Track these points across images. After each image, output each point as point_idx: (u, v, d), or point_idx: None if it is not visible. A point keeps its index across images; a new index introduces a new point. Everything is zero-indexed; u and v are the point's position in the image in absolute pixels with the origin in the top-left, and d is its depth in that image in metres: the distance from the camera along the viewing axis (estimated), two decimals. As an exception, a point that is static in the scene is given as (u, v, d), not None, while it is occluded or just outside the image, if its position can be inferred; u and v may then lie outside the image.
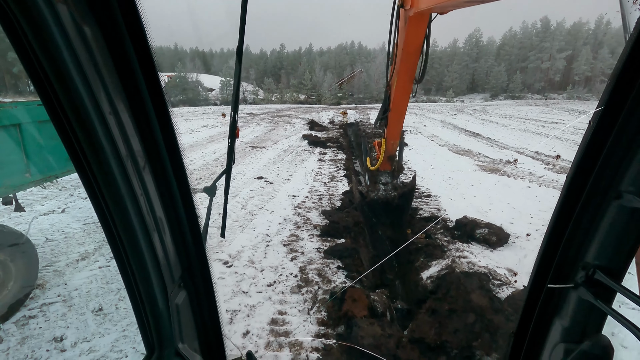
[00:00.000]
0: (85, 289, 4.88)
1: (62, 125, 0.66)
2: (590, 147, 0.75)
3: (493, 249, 6.14)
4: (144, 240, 0.82)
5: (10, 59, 47.43)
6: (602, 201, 0.77)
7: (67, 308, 4.49)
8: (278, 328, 4.16)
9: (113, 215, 0.77)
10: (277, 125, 25.54)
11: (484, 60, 75.45)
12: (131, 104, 0.72)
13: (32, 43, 0.57)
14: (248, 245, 6.24)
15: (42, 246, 5.94)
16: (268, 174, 11.40)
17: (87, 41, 0.61)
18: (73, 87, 0.61)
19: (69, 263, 5.51)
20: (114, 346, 3.90)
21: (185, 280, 1.00)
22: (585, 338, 0.88)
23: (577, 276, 0.86)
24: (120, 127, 0.70)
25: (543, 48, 71.60)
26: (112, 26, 0.63)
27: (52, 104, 0.64)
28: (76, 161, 0.70)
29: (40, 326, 4.17)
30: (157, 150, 0.80)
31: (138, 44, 0.67)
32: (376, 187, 6.87)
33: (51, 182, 7.30)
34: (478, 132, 21.75)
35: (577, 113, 33.37)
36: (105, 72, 0.65)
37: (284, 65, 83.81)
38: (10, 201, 4.96)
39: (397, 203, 6.69)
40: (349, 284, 5.00)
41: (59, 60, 0.58)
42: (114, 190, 0.73)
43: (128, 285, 0.89)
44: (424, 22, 4.86)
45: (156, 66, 0.71)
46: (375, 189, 6.87)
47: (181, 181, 0.87)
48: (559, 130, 21.36)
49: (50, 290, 4.83)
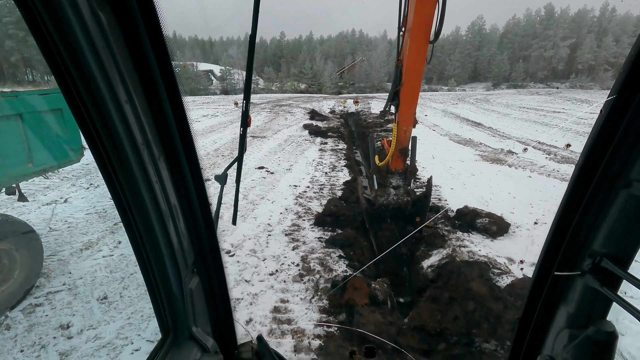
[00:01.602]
0: (89, 278, 4.94)
1: (80, 112, 0.66)
2: (601, 135, 0.76)
3: (493, 238, 6.18)
4: (159, 226, 0.83)
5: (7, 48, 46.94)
6: (611, 189, 0.78)
7: (73, 296, 4.55)
8: (280, 316, 4.22)
9: (130, 202, 0.78)
10: (278, 114, 25.41)
11: (486, 48, 74.62)
12: (146, 92, 0.73)
13: (52, 31, 0.57)
14: (250, 235, 6.28)
15: (46, 236, 5.99)
16: (269, 164, 11.40)
17: (103, 29, 0.61)
18: (91, 75, 0.61)
19: (73, 252, 5.57)
20: (119, 333, 3.97)
21: (198, 266, 1.02)
22: (590, 324, 0.90)
23: (583, 264, 0.87)
24: (136, 116, 0.71)
25: (547, 36, 70.70)
26: (128, 14, 0.64)
27: (70, 92, 0.64)
28: (94, 148, 0.71)
29: (46, 314, 4.24)
30: (171, 139, 0.80)
31: (152, 32, 0.67)
32: (386, 192, 5.95)
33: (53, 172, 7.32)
34: (480, 121, 21.64)
35: (580, 102, 33.13)
36: (121, 60, 0.66)
37: (284, 53, 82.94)
38: (14, 191, 4.98)
39: (410, 211, 5.82)
40: (350, 273, 5.06)
41: (77, 48, 0.58)
42: (131, 177, 0.74)
43: (144, 270, 0.91)
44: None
45: (170, 55, 0.72)
46: (384, 193, 5.95)
47: (194, 170, 0.88)
48: (560, 120, 21.26)
49: (55, 279, 4.89)
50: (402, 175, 6.23)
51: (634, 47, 0.66)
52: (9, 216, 4.42)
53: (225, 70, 61.11)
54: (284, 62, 79.45)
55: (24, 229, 4.42)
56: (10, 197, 5.36)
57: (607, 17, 71.42)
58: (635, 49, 0.66)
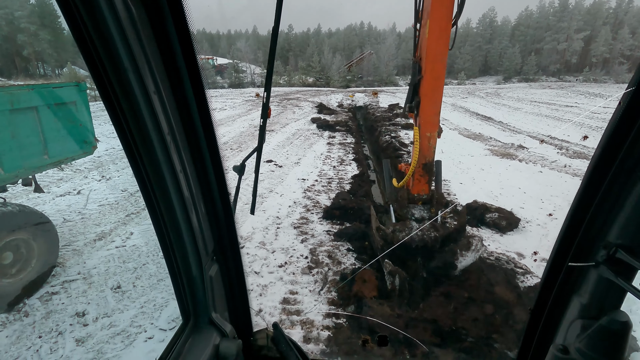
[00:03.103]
0: (103, 268, 5.06)
1: (111, 101, 0.69)
2: (619, 126, 0.76)
3: (503, 233, 6.15)
4: (182, 213, 0.86)
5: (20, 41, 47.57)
6: (628, 180, 0.78)
7: (87, 285, 4.67)
8: (290, 307, 4.28)
9: (155, 189, 0.81)
10: (286, 108, 25.40)
11: (497, 41, 73.27)
12: (172, 84, 0.75)
13: (87, 24, 0.59)
14: (259, 227, 6.35)
15: (60, 226, 6.13)
16: (277, 158, 11.45)
17: (134, 22, 0.63)
18: (122, 66, 0.64)
19: (87, 243, 5.69)
20: (133, 322, 4.07)
21: (217, 254, 1.05)
22: (604, 314, 0.91)
23: (598, 255, 0.88)
24: (163, 106, 0.73)
25: (560, 28, 69.10)
26: (157, 9, 0.66)
27: (102, 82, 0.67)
28: (123, 137, 0.74)
29: (62, 302, 4.36)
30: (194, 129, 0.83)
31: (180, 26, 0.70)
32: (407, 226, 4.69)
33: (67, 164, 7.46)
34: (490, 115, 21.37)
35: (593, 96, 32.44)
36: (150, 52, 0.68)
37: (292, 47, 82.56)
38: (30, 182, 5.10)
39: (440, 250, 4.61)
40: (359, 265, 5.09)
41: (110, 40, 0.61)
42: (156, 165, 0.77)
43: (167, 256, 0.94)
44: None
45: (195, 49, 0.74)
46: (405, 228, 4.66)
47: (215, 160, 0.91)
48: (573, 115, 20.87)
49: (71, 268, 5.01)
50: (428, 203, 4.99)
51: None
52: (25, 207, 4.54)
53: (234, 63, 61.12)
54: (292, 55, 79.15)
55: (40, 219, 4.54)
56: (26, 188, 5.49)
57: (623, 9, 69.44)
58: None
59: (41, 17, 47.70)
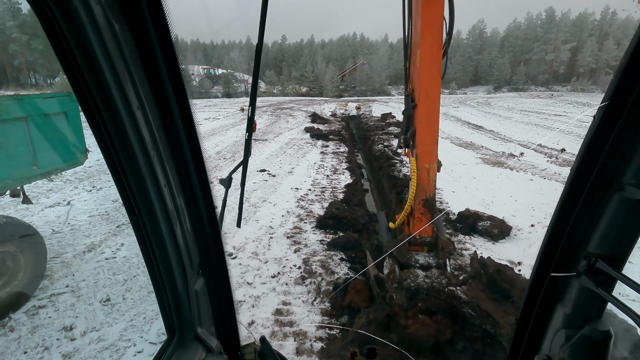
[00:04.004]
0: (92, 280, 4.97)
1: (94, 117, 0.69)
2: (595, 140, 0.78)
3: (495, 241, 6.19)
4: (166, 228, 0.86)
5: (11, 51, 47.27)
6: (605, 192, 0.81)
7: (76, 298, 4.58)
8: (282, 318, 4.23)
9: (139, 204, 0.81)
10: (279, 118, 25.50)
11: (487, 52, 74.69)
12: (156, 99, 0.76)
13: (69, 40, 0.60)
14: (252, 238, 6.31)
15: (49, 238, 6.02)
16: (271, 167, 11.44)
17: (117, 38, 0.64)
18: (105, 83, 0.64)
19: (76, 254, 5.60)
20: (122, 335, 3.99)
21: (203, 268, 1.05)
22: (586, 324, 0.92)
23: (579, 265, 0.90)
24: (147, 121, 0.74)
25: (547, 39, 70.75)
26: (140, 25, 0.67)
27: (85, 98, 0.67)
28: (105, 152, 0.74)
29: (49, 316, 4.26)
30: (179, 143, 0.83)
31: (163, 41, 0.71)
32: (411, 274, 4.13)
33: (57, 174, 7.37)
34: (481, 124, 21.66)
35: (581, 105, 33.12)
36: (133, 68, 0.69)
37: (285, 57, 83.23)
38: (18, 194, 5.03)
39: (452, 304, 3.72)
40: (352, 275, 5.07)
41: (93, 57, 0.61)
42: (140, 180, 0.77)
43: (151, 271, 0.93)
44: None
45: (179, 63, 0.75)
46: (409, 275, 4.11)
47: (200, 173, 0.91)
48: (562, 123, 21.26)
49: (59, 281, 4.91)
50: (432, 248, 4.47)
51: (625, 56, 0.69)
52: (13, 218, 4.46)
53: (227, 73, 61.38)
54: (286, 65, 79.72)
55: (27, 231, 4.46)
56: (14, 199, 5.41)
57: (607, 21, 71.46)
58: (626, 57, 0.69)
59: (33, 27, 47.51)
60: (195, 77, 60.82)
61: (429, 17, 4.04)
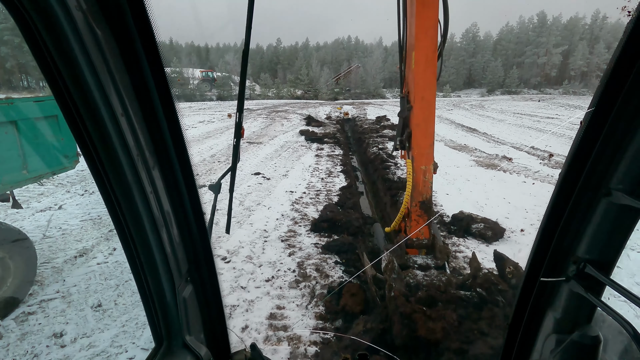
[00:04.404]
0: (83, 285, 4.90)
1: (77, 125, 0.68)
2: (582, 146, 0.78)
3: (489, 243, 6.22)
4: (153, 235, 0.85)
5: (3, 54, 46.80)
6: (593, 198, 0.81)
7: (66, 304, 4.51)
8: (277, 322, 4.20)
9: (124, 212, 0.80)
10: (274, 120, 25.47)
11: (480, 55, 75.46)
12: (141, 104, 0.75)
13: (50, 48, 0.59)
14: (246, 241, 6.27)
15: (39, 243, 5.93)
16: (265, 170, 11.41)
17: (100, 45, 0.63)
18: (87, 89, 0.63)
19: (67, 260, 5.52)
20: (113, 341, 3.93)
21: (192, 275, 1.03)
22: (576, 329, 0.92)
23: (568, 270, 0.90)
24: (131, 127, 0.73)
25: (539, 43, 71.70)
26: (124, 30, 0.66)
27: (67, 106, 0.66)
28: (89, 159, 0.73)
29: (39, 322, 4.19)
30: (165, 149, 0.82)
31: (148, 46, 0.70)
32: (410, 273, 4.10)
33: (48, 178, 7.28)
34: (474, 127, 21.82)
35: (573, 108, 33.54)
36: (117, 74, 0.68)
37: (280, 60, 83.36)
38: (8, 198, 4.95)
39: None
40: (346, 278, 5.05)
41: (75, 65, 0.60)
42: (125, 187, 0.76)
43: (137, 279, 0.92)
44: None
45: (164, 67, 0.74)
46: (408, 274, 4.06)
47: (188, 179, 0.90)
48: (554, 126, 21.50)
49: (49, 286, 4.84)
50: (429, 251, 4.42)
51: (610, 62, 0.69)
52: (2, 223, 4.39)
53: (222, 76, 61.32)
54: (280, 68, 79.83)
55: (17, 236, 4.38)
56: (3, 204, 5.32)
57: (598, 25, 72.62)
58: (611, 63, 0.69)
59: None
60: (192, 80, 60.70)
61: (424, 20, 4.06)
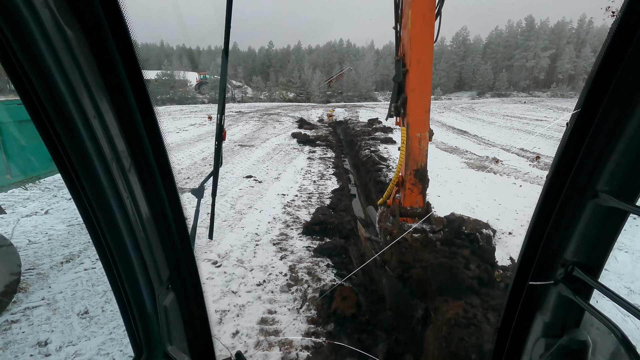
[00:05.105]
0: (70, 292, 4.79)
1: (46, 128, 0.65)
2: (568, 148, 0.78)
3: (480, 245, 6.24)
4: (131, 242, 0.81)
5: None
6: (580, 200, 0.80)
7: (52, 312, 4.40)
8: (268, 327, 4.15)
9: (99, 218, 0.76)
10: (266, 123, 25.40)
11: (470, 58, 76.43)
12: (116, 106, 0.72)
13: (15, 48, 0.56)
14: (237, 245, 6.21)
15: (24, 249, 5.79)
16: (257, 173, 11.34)
17: (70, 45, 0.60)
18: (56, 91, 0.60)
19: (53, 265, 5.39)
20: (100, 349, 3.84)
21: (174, 282, 1.00)
22: (565, 333, 0.91)
23: (556, 273, 0.89)
24: (105, 130, 0.69)
25: (528, 47, 72.94)
26: (96, 29, 0.63)
27: (35, 108, 0.63)
28: (60, 165, 0.70)
29: (23, 331, 4.07)
30: (142, 152, 0.79)
31: (122, 46, 0.67)
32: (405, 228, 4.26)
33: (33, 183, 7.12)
34: (465, 129, 22.04)
35: (561, 110, 34.12)
36: (89, 75, 0.65)
37: (272, 63, 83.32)
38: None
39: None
40: (338, 281, 5.03)
41: (42, 65, 0.57)
42: (99, 192, 0.72)
43: (115, 288, 0.88)
44: None
45: (141, 67, 0.71)
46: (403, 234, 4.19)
47: (168, 182, 0.87)
48: (542, 128, 21.82)
49: (34, 293, 4.72)
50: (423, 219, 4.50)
51: (595, 64, 0.69)
52: (-16, 229, 4.28)
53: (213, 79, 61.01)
54: (273, 71, 79.76)
55: (1, 242, 4.27)
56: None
57: (584, 29, 74.18)
58: (596, 64, 0.68)
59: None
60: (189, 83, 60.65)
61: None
